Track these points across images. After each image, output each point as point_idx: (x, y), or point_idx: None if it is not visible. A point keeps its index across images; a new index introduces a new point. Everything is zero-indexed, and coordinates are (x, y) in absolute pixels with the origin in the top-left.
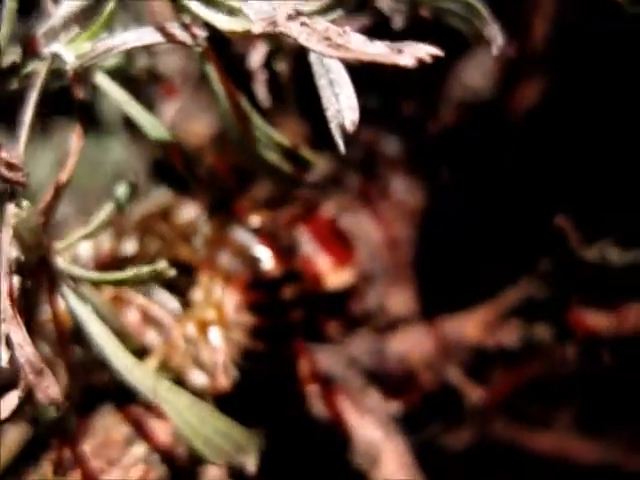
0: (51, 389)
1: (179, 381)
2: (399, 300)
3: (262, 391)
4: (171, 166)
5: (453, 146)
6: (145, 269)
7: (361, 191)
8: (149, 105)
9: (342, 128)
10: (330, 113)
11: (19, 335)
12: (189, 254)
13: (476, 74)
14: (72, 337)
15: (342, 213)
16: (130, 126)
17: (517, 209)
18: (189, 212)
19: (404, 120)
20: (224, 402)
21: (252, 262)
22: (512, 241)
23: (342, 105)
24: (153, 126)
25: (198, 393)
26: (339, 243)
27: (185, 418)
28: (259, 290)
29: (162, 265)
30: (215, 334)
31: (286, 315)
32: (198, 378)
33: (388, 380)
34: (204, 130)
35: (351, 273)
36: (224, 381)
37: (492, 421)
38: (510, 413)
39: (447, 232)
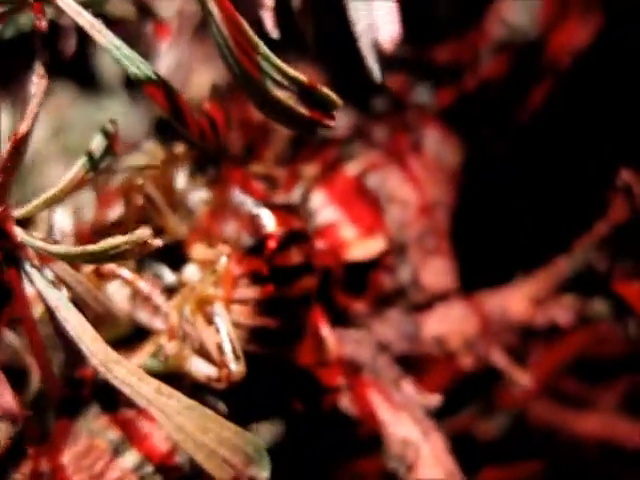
0: (5, 398)
1: (178, 374)
2: (435, 273)
3: (274, 381)
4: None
5: (494, 95)
6: (123, 239)
7: (390, 147)
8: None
9: (377, 47)
10: (360, 28)
11: None
12: (180, 222)
13: (521, 12)
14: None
15: (368, 172)
16: (130, 85)
17: (570, 164)
18: (181, 170)
19: (438, 66)
20: (228, 395)
21: (251, 226)
22: (564, 202)
23: (378, 17)
24: (133, 60)
25: (201, 387)
26: (366, 207)
27: (182, 425)
28: (259, 257)
29: (145, 233)
30: (219, 314)
31: (295, 284)
32: (202, 368)
33: (424, 367)
34: (205, 81)
35: (380, 242)
36: (235, 370)
37: (532, 403)
38: (552, 394)
39: (489, 194)
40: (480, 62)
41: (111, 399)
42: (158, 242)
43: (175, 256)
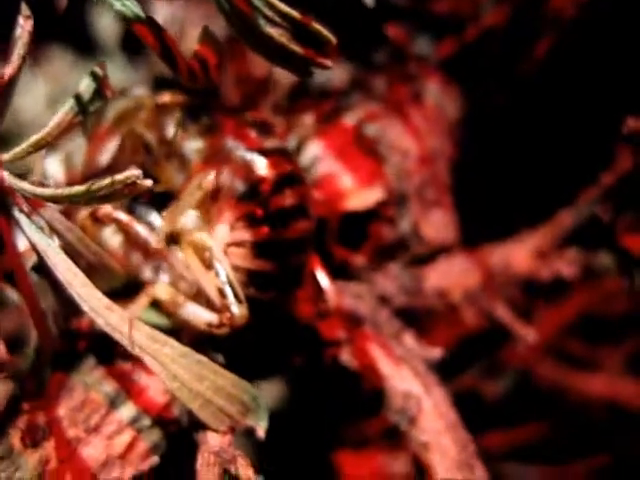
0: None
1: (176, 326)
2: (436, 225)
3: (273, 330)
4: (173, 85)
5: (496, 45)
6: (112, 179)
7: (390, 97)
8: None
9: None
10: None
11: None
12: (174, 171)
13: None
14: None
15: (367, 122)
16: (128, 48)
17: (573, 112)
18: (173, 119)
19: (439, 16)
20: (228, 348)
21: (244, 171)
22: (568, 151)
23: None
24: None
25: (201, 341)
26: (364, 156)
27: (176, 373)
28: (254, 201)
29: (134, 173)
30: (218, 257)
31: (291, 226)
32: (202, 314)
33: (425, 320)
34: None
35: (379, 193)
36: (238, 314)
37: (537, 363)
38: (557, 354)
39: (491, 144)
40: (481, 12)
41: (107, 351)
42: (148, 182)
43: (168, 205)
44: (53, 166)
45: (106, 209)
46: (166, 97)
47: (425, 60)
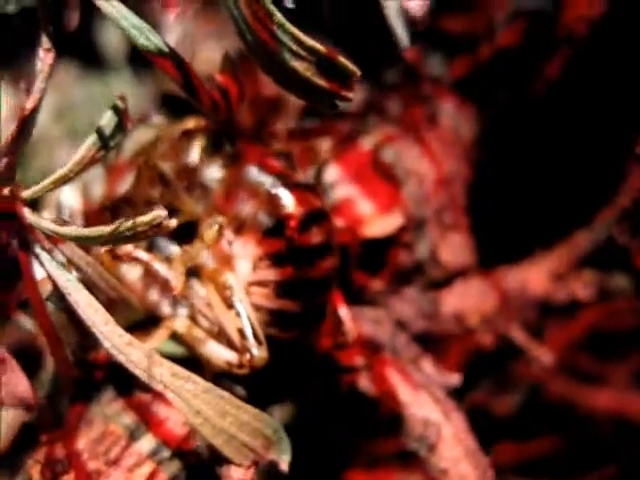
0: (20, 386)
1: (194, 360)
2: (453, 249)
3: (292, 363)
4: (180, 102)
5: (510, 65)
6: (138, 220)
7: (405, 120)
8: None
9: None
10: None
11: None
12: (192, 199)
13: None
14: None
15: (384, 146)
16: (135, 61)
17: (589, 134)
18: (195, 146)
19: (452, 36)
20: (246, 378)
21: (270, 206)
22: (584, 173)
23: None
24: (142, 31)
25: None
26: (382, 181)
27: (199, 409)
28: (279, 238)
29: (160, 213)
30: (239, 297)
31: (316, 265)
32: (221, 353)
33: (442, 344)
34: (214, 55)
35: (398, 218)
36: (257, 356)
37: (548, 379)
38: (568, 370)
39: (506, 167)
40: (494, 31)
41: (126, 382)
42: (173, 223)
43: (187, 235)
44: (69, 198)
45: (126, 248)
46: (190, 123)
47: (438, 80)
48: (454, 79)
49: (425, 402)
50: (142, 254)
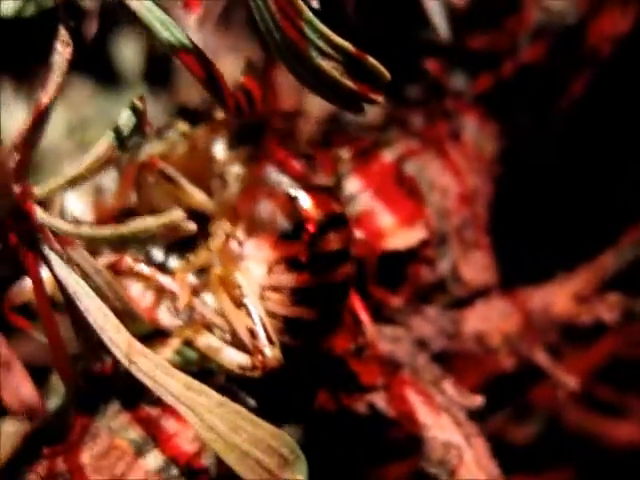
0: (25, 391)
1: (208, 366)
2: (475, 267)
3: (307, 377)
4: (195, 116)
5: (533, 82)
6: (156, 221)
7: (428, 134)
8: None
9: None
10: None
11: None
12: (206, 200)
13: None
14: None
15: (406, 159)
16: (150, 78)
17: (616, 152)
18: (212, 148)
19: (476, 51)
20: (260, 391)
21: (288, 208)
22: (611, 192)
23: None
24: (166, 25)
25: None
26: (404, 194)
27: (212, 424)
28: (296, 242)
29: (178, 215)
30: (249, 297)
31: (333, 271)
32: (234, 356)
33: (463, 365)
34: (232, 69)
35: (422, 232)
36: (270, 356)
37: (566, 407)
38: (586, 399)
39: (532, 184)
40: (518, 48)
41: (133, 395)
42: (192, 226)
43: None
44: (74, 202)
45: (127, 262)
46: (218, 115)
47: (461, 95)
48: (477, 94)
49: (446, 425)
50: (144, 267)
